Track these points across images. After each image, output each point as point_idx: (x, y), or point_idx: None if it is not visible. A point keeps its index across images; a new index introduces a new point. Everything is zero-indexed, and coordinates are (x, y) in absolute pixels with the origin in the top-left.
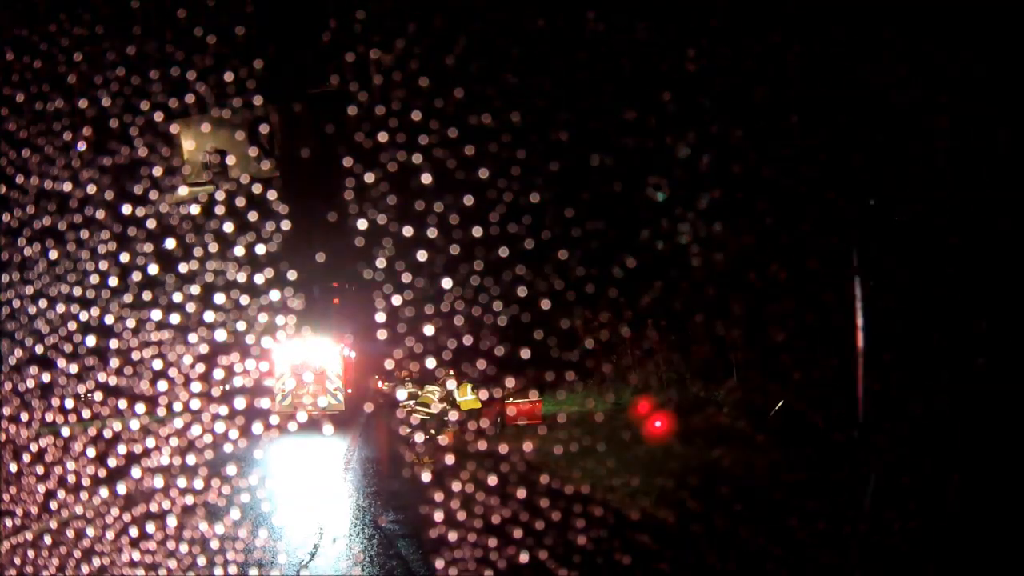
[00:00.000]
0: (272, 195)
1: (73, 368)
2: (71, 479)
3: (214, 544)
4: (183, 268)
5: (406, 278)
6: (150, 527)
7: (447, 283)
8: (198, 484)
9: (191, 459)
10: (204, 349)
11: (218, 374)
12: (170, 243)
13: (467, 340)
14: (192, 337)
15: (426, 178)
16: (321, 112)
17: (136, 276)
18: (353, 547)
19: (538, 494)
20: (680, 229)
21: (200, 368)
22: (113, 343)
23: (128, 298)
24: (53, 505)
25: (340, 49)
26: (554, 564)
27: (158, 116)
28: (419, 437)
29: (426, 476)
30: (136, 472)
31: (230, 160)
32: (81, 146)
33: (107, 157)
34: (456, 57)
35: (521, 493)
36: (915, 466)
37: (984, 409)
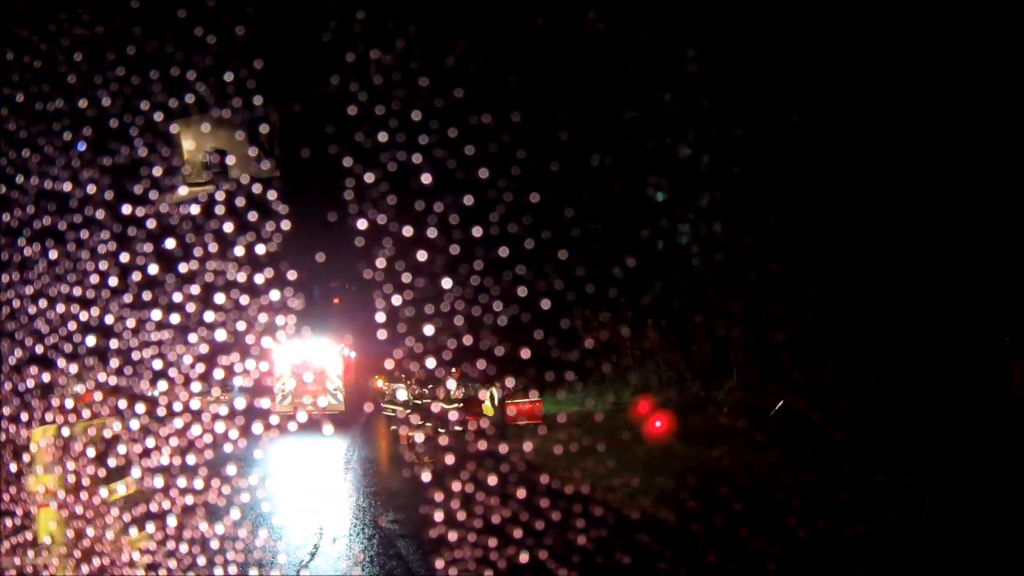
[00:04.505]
0: (272, 195)
1: (73, 368)
2: (71, 479)
3: (214, 544)
4: (183, 268)
5: (406, 278)
6: (150, 527)
7: (447, 283)
8: (198, 484)
9: (191, 459)
10: (204, 349)
11: (218, 374)
12: (170, 243)
13: (467, 340)
14: (192, 337)
15: (426, 178)
16: (321, 112)
17: (136, 276)
18: (353, 547)
19: (538, 494)
20: (680, 229)
21: (200, 368)
22: (113, 343)
23: (128, 298)
24: (53, 505)
25: (340, 49)
26: (554, 564)
27: (158, 116)
28: (419, 437)
29: (426, 476)
30: (136, 472)
31: (230, 160)
32: (81, 146)
33: (107, 157)
34: (456, 57)
35: (521, 493)
36: (915, 466)
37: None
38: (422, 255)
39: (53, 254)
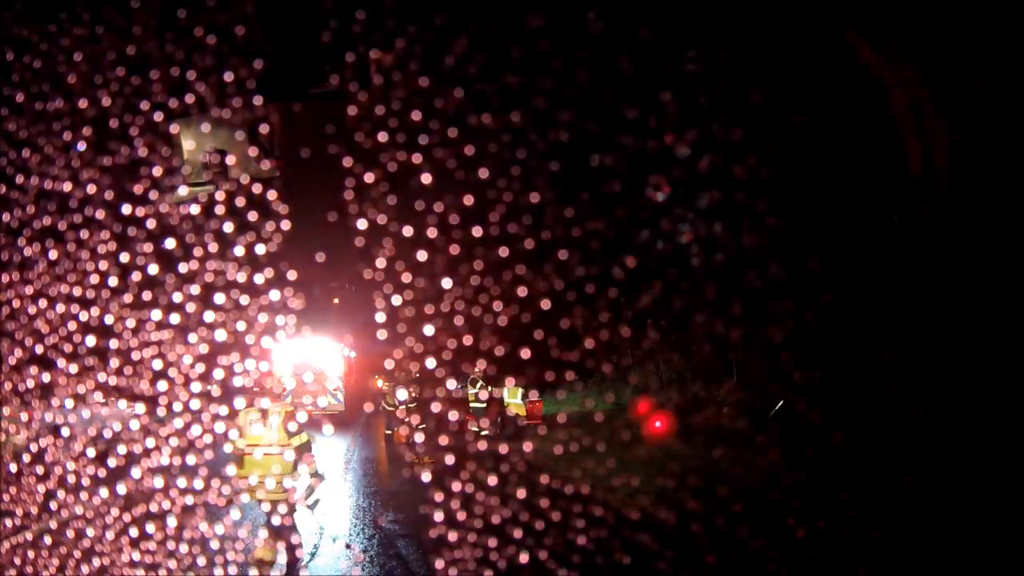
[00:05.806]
0: (272, 195)
1: (73, 368)
2: (71, 479)
3: (214, 544)
4: (183, 268)
5: (406, 278)
6: (150, 527)
7: (447, 283)
8: (198, 484)
9: (191, 459)
10: (204, 349)
11: (218, 374)
12: (170, 243)
13: (467, 340)
14: (192, 337)
15: (426, 178)
16: (321, 112)
17: (136, 276)
18: (353, 547)
19: (538, 494)
20: (680, 229)
21: (200, 368)
22: (113, 343)
23: (128, 298)
24: (53, 505)
25: (340, 49)
26: (554, 564)
27: (158, 116)
28: (419, 437)
29: (426, 476)
30: (136, 472)
31: (230, 160)
32: (81, 146)
33: (107, 157)
34: (456, 57)
35: (521, 493)
36: (915, 466)
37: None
38: (422, 255)
39: (53, 254)
